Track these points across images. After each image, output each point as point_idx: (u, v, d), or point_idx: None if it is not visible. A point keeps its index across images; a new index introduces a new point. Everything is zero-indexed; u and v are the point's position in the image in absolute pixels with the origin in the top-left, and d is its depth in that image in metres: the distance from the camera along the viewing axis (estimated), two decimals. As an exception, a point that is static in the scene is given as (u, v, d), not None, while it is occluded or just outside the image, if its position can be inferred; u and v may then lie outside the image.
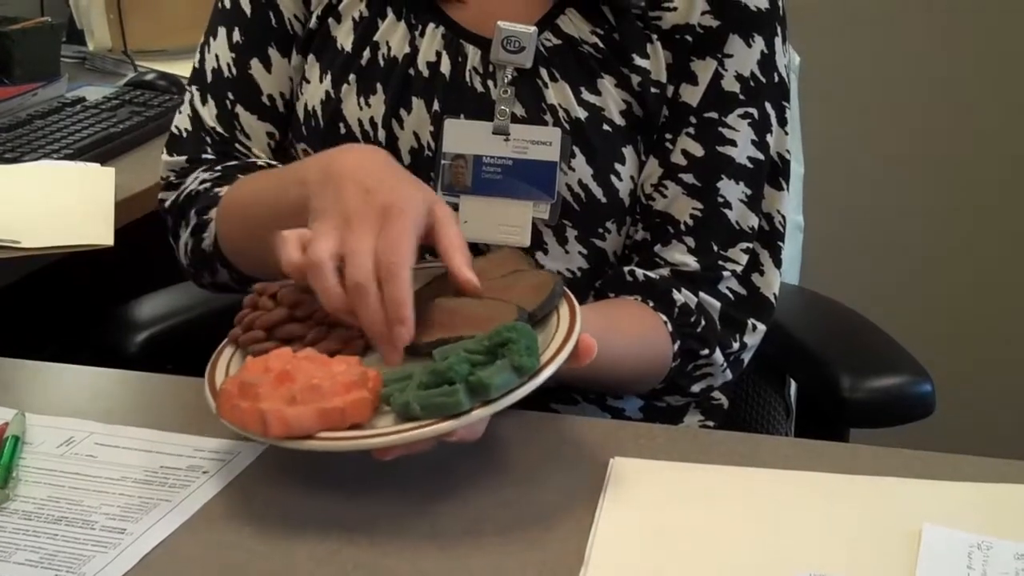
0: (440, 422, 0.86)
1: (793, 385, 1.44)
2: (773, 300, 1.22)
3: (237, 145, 1.25)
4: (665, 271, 1.18)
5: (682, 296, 1.17)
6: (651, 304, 1.16)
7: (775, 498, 0.93)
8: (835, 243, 2.40)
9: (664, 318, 1.15)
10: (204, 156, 1.25)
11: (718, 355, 1.18)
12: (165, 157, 1.27)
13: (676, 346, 1.16)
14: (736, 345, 1.19)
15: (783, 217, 1.22)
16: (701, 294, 1.17)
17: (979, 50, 2.44)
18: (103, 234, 1.48)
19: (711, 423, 1.29)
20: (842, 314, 1.42)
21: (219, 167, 1.23)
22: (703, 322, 1.17)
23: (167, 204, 1.26)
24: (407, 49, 1.18)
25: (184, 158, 1.26)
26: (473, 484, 0.95)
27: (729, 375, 1.21)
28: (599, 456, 0.98)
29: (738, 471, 0.97)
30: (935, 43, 2.46)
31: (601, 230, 1.18)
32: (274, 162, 1.24)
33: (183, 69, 2.20)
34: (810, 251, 1.62)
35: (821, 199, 1.74)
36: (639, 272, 1.18)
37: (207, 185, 1.21)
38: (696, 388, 1.20)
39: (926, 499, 0.92)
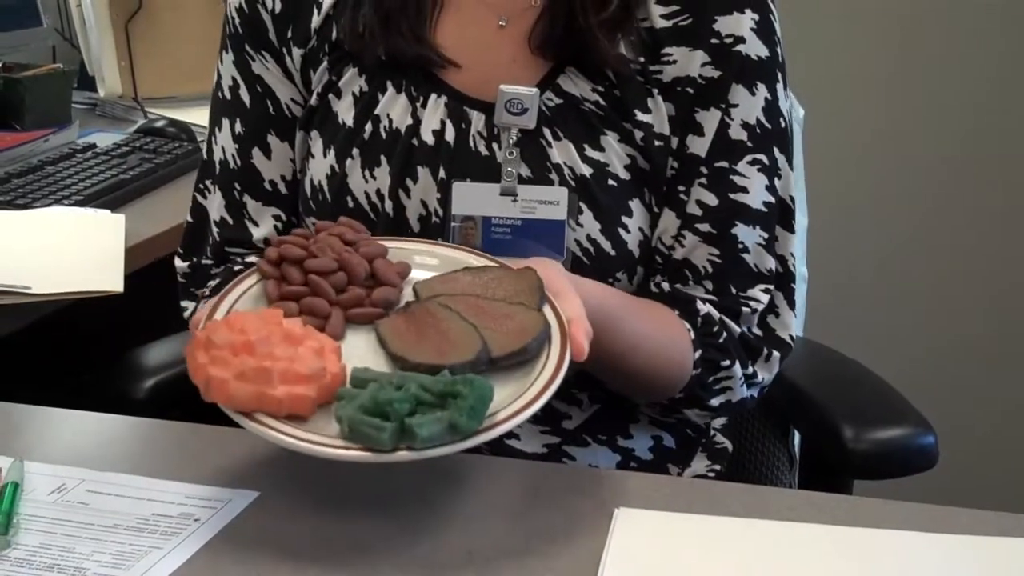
0: (359, 450, 0.88)
1: (796, 435, 1.45)
2: (790, 341, 1.23)
3: (227, 247, 1.27)
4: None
5: (706, 308, 1.18)
6: (676, 313, 1.18)
7: (779, 551, 0.93)
8: (838, 294, 2.41)
9: (687, 326, 1.17)
10: (204, 262, 1.28)
11: (737, 368, 1.19)
12: (177, 262, 1.31)
13: (698, 354, 1.17)
14: (751, 369, 1.20)
15: (794, 259, 1.24)
16: (723, 316, 1.19)
17: (980, 103, 2.46)
18: (113, 281, 1.49)
19: (717, 467, 1.29)
20: (845, 365, 1.43)
21: (210, 291, 1.25)
22: (724, 334, 1.18)
23: (185, 317, 1.29)
24: (409, 121, 1.19)
25: (187, 264, 1.29)
26: (477, 533, 0.95)
27: (746, 392, 1.21)
28: (604, 506, 0.98)
29: (742, 523, 0.97)
30: (936, 96, 2.47)
31: (611, 280, 1.19)
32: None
33: (192, 116, 2.25)
34: (813, 302, 1.63)
35: (824, 250, 1.75)
36: (665, 285, 1.20)
37: None
38: (716, 402, 1.20)
39: (928, 552, 0.92)
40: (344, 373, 0.94)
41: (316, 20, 1.23)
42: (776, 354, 1.22)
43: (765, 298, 1.21)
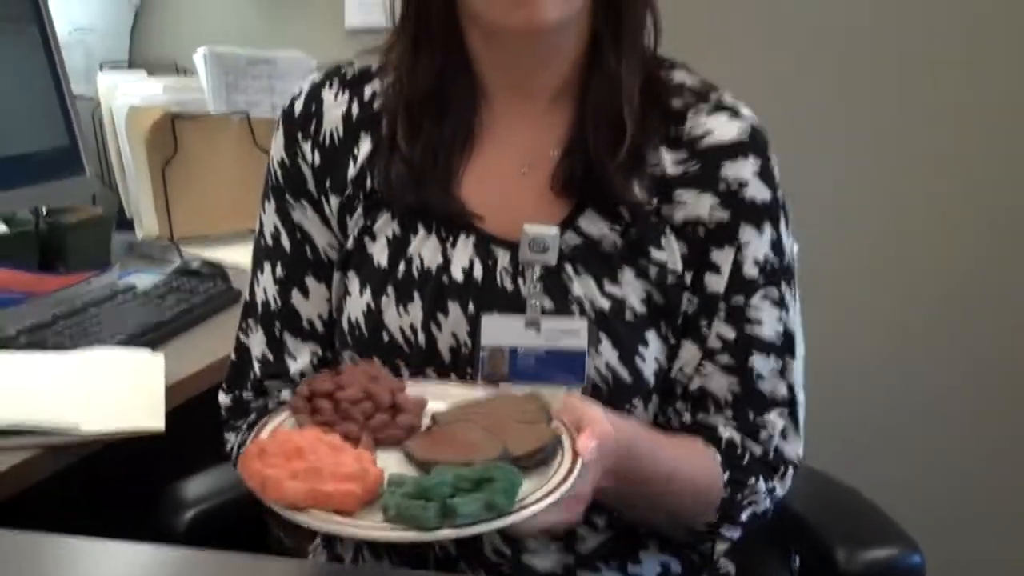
0: (406, 530, 0.96)
1: (796, 559, 1.49)
2: (797, 462, 1.29)
3: (267, 381, 1.33)
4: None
5: (727, 432, 1.25)
6: (700, 440, 1.25)
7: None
8: (828, 419, 2.43)
9: (713, 450, 1.24)
10: (244, 395, 1.34)
11: (762, 483, 1.26)
12: (221, 396, 1.37)
13: (726, 475, 1.23)
14: (772, 483, 1.27)
15: (798, 386, 1.30)
16: (743, 438, 1.26)
17: (968, 227, 2.46)
18: (155, 419, 1.52)
19: (721, 590, 1.35)
20: (837, 489, 1.48)
21: (246, 425, 1.32)
22: (747, 455, 1.25)
23: (227, 449, 1.35)
24: (439, 260, 1.25)
25: (229, 398, 1.36)
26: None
27: (769, 504, 1.27)
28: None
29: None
30: (926, 224, 2.48)
31: (628, 406, 1.24)
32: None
33: (224, 253, 2.30)
34: (808, 426, 1.68)
35: (816, 376, 1.80)
36: (686, 415, 1.27)
37: None
38: (744, 516, 1.26)
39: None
40: (382, 477, 1.02)
41: (352, 171, 1.30)
42: (789, 471, 1.28)
43: (780, 423, 1.27)
